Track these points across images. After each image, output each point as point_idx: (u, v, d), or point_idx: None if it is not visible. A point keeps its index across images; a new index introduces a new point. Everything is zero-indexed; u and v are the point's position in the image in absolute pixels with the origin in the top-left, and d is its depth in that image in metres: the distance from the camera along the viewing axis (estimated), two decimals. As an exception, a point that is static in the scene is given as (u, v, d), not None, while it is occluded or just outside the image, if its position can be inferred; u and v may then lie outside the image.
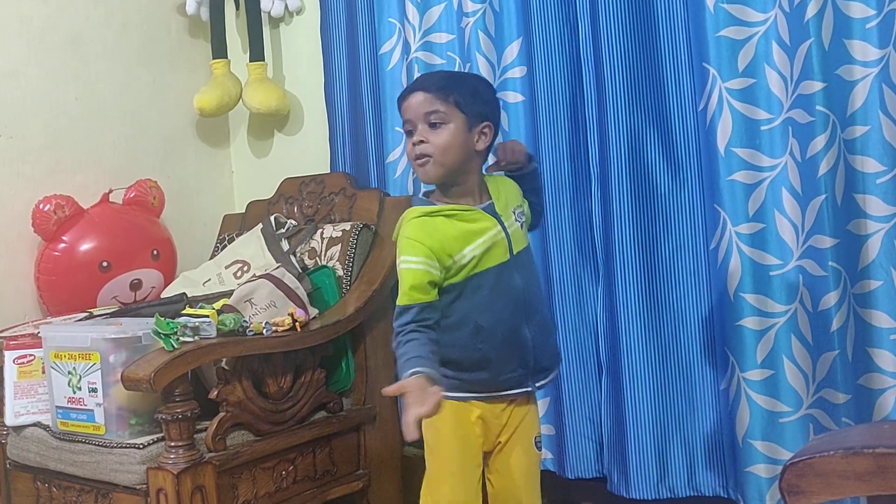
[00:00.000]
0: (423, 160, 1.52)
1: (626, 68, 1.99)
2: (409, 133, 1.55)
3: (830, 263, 1.78)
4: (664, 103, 1.99)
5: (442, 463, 1.57)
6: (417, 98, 1.53)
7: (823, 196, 1.78)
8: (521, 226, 1.61)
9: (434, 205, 1.55)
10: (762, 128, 1.83)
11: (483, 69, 2.19)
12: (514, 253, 1.56)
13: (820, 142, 1.77)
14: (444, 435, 1.56)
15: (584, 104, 2.06)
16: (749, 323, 1.85)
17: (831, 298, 1.78)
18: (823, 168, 1.77)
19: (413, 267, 1.48)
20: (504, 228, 1.56)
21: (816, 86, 1.77)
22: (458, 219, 1.53)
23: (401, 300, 1.49)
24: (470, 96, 1.54)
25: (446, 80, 1.58)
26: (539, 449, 1.63)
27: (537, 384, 1.61)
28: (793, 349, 1.82)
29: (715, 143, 1.87)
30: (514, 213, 1.60)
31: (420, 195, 1.67)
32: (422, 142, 1.51)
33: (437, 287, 1.51)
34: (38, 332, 1.97)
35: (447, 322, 1.53)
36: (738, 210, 1.85)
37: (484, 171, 1.62)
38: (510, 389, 1.58)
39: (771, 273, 1.83)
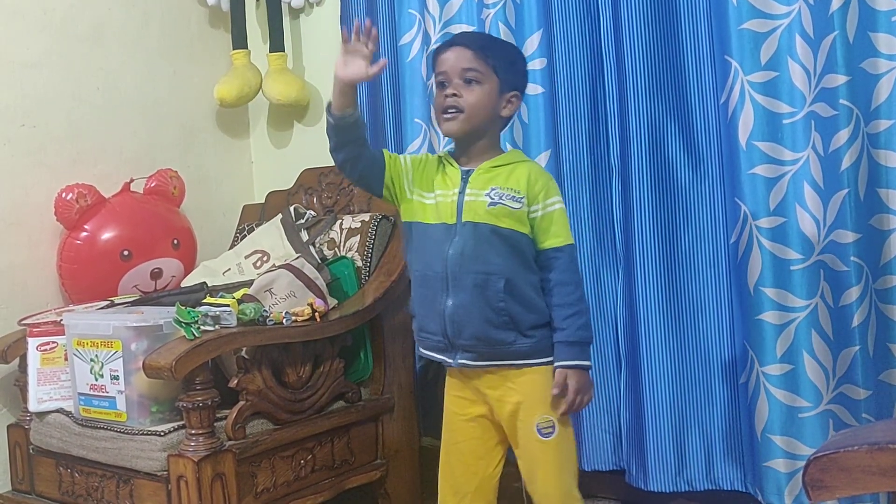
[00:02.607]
0: (452, 114, 1.56)
1: (648, 61, 1.98)
2: (442, 85, 1.58)
3: (852, 258, 1.77)
4: (685, 96, 1.99)
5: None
6: (458, 53, 1.57)
7: (846, 190, 1.77)
8: (494, 205, 1.55)
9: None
10: (784, 121, 1.83)
11: (503, 61, 2.18)
12: (462, 221, 1.56)
13: (843, 136, 1.76)
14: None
15: (605, 96, 2.06)
16: (769, 317, 1.84)
17: (853, 294, 1.77)
18: (846, 162, 1.76)
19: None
20: (461, 194, 1.58)
21: (840, 79, 1.75)
22: (442, 167, 1.63)
23: None
24: (507, 63, 1.59)
25: (488, 42, 1.64)
26: (545, 436, 1.57)
27: (460, 361, 1.58)
28: (813, 344, 1.81)
29: (736, 137, 1.86)
30: (493, 190, 1.56)
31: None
32: (455, 95, 1.55)
33: (392, 165, 1.62)
34: (61, 320, 1.99)
35: None
36: (759, 204, 1.85)
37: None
38: (435, 352, 1.62)
39: (792, 267, 1.83)
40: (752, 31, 1.83)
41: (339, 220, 2.31)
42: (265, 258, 2.28)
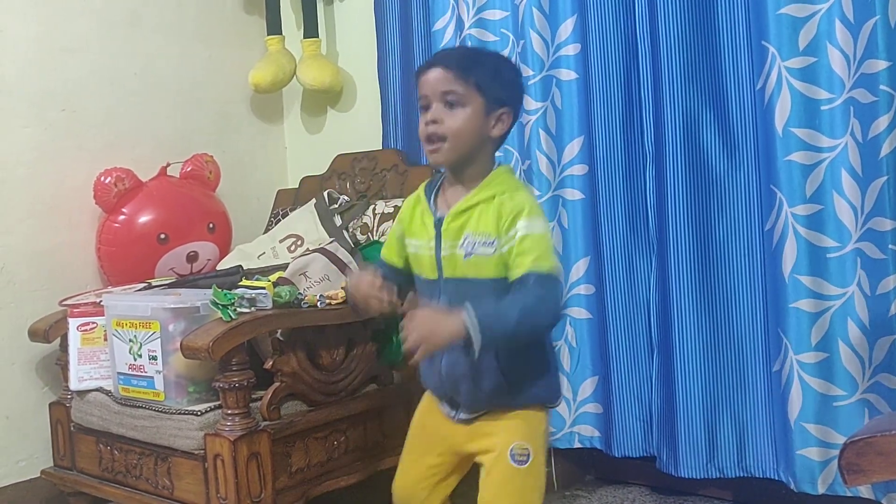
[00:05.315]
0: (436, 144, 1.44)
1: (683, 46, 1.97)
2: (425, 109, 1.46)
3: (890, 246, 1.75)
4: (721, 82, 1.97)
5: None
6: (436, 74, 1.44)
7: (885, 177, 1.75)
8: (469, 256, 1.41)
9: (434, 182, 1.53)
10: (822, 108, 1.80)
11: (537, 46, 2.18)
12: (444, 277, 1.45)
13: (883, 122, 1.74)
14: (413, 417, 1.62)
15: (640, 82, 2.05)
16: (804, 305, 1.83)
17: (890, 282, 1.75)
18: (886, 149, 1.74)
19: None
20: (437, 248, 1.45)
21: (881, 65, 1.73)
22: (420, 210, 1.51)
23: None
24: (491, 78, 1.44)
25: (468, 58, 1.48)
26: (519, 463, 1.44)
27: (460, 417, 1.49)
28: (849, 333, 1.80)
29: (773, 123, 1.85)
30: (466, 239, 1.42)
31: None
32: (435, 122, 1.43)
33: (402, 251, 1.55)
34: (100, 301, 2.03)
35: None
36: (794, 191, 1.83)
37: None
38: (440, 400, 1.54)
39: (828, 255, 1.81)
40: (790, 16, 1.81)
41: (372, 206, 2.33)
42: (299, 242, 2.31)
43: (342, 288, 1.92)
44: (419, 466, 1.58)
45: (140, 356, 1.88)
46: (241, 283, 1.94)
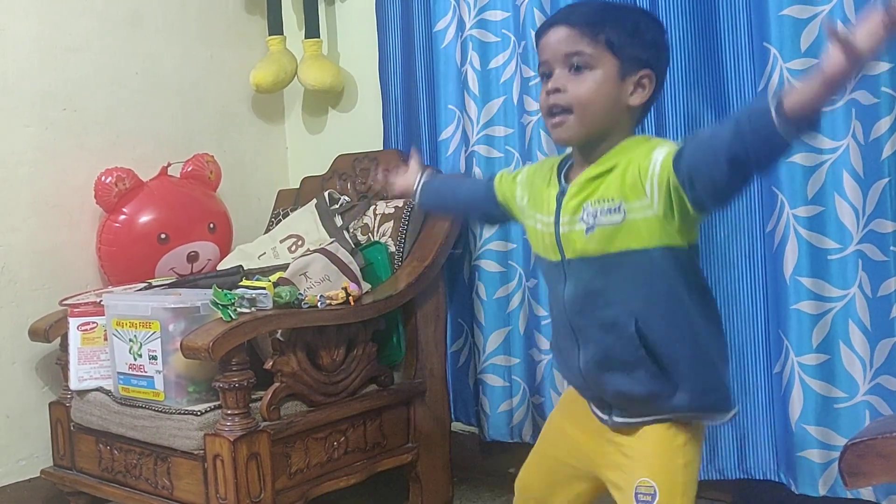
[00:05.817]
0: (560, 117, 1.21)
1: (684, 48, 1.96)
2: (545, 77, 1.24)
3: (892, 248, 1.74)
4: (722, 84, 1.96)
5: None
6: (558, 33, 1.22)
7: (886, 179, 1.74)
8: (591, 230, 1.20)
9: (566, 161, 1.32)
10: (824, 109, 1.80)
11: (539, 47, 2.18)
12: (567, 258, 1.25)
13: (884, 124, 1.73)
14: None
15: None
16: (805, 307, 1.82)
17: (892, 284, 1.75)
18: (887, 151, 1.73)
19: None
20: (557, 223, 1.25)
21: (882, 66, 1.72)
22: (550, 180, 1.30)
23: None
24: (627, 34, 1.21)
25: (598, 13, 1.24)
26: None
27: (616, 420, 1.28)
28: (850, 334, 1.79)
29: (774, 125, 1.84)
30: (585, 211, 1.20)
31: None
32: (557, 90, 1.21)
33: (503, 189, 1.41)
34: (101, 301, 2.03)
35: None
36: (796, 192, 1.83)
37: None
38: (581, 394, 1.35)
39: (829, 257, 1.81)
40: (792, 17, 1.81)
41: (373, 206, 2.33)
42: (300, 242, 2.30)
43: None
44: (546, 467, 1.42)
45: (140, 356, 1.88)
46: (241, 284, 1.94)
